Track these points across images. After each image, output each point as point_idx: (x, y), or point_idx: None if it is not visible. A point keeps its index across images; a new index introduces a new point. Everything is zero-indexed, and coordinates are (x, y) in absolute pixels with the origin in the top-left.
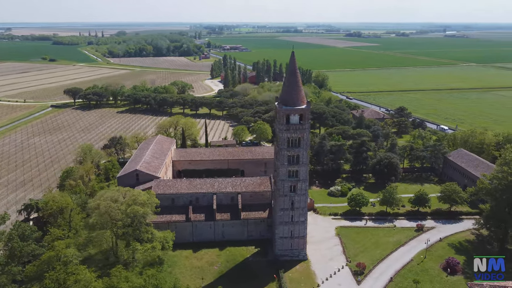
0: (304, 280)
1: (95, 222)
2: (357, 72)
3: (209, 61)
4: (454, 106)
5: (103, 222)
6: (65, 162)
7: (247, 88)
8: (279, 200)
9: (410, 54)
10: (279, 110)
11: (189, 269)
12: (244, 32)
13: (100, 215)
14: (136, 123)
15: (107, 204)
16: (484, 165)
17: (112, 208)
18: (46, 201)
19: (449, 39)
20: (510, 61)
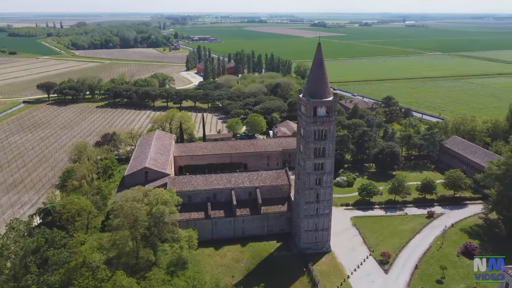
0: (333, 272)
1: (120, 224)
2: (330, 62)
3: (179, 53)
4: (431, 94)
5: (129, 224)
6: (54, 161)
7: (230, 80)
8: (304, 193)
9: (377, 44)
10: (307, 103)
11: (215, 268)
12: (208, 23)
13: (125, 216)
14: (119, 118)
15: (132, 205)
16: (481, 151)
17: (137, 209)
18: (63, 205)
19: (410, 28)
20: (472, 50)
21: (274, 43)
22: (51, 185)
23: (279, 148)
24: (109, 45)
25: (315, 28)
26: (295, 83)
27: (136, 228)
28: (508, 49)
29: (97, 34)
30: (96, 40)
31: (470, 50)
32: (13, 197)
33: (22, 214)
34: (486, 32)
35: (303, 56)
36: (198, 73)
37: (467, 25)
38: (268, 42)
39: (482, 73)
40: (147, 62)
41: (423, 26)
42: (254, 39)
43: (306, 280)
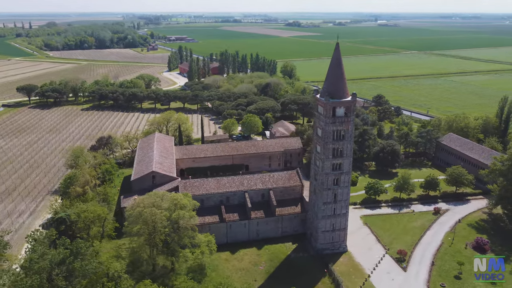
0: (353, 272)
1: (141, 231)
2: (313, 62)
3: (158, 53)
4: (415, 92)
5: (149, 230)
6: (47, 167)
7: (218, 80)
8: (322, 193)
9: (353, 43)
10: (326, 104)
11: (234, 272)
12: (182, 23)
13: (145, 223)
14: (107, 120)
15: (151, 211)
16: (478, 147)
17: (157, 214)
18: (78, 213)
19: (383, 28)
20: (445, 48)
21: (253, 43)
22: (48, 192)
23: (281, 148)
24: (84, 46)
25: (290, 28)
26: (285, 83)
27: (156, 235)
28: (478, 48)
29: (71, 35)
30: (70, 40)
31: (444, 48)
32: (9, 205)
33: (21, 224)
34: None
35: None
36: (181, 74)
37: (436, 24)
38: (246, 42)
39: (460, 71)
40: (127, 63)
41: (395, 26)
42: (232, 39)
43: (328, 281)
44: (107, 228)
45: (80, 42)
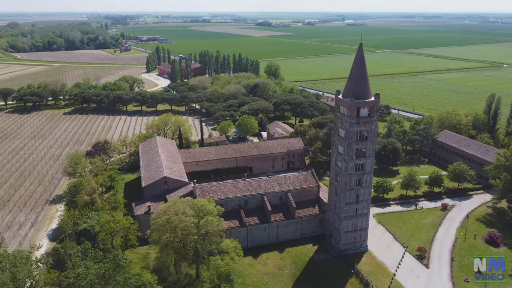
0: (378, 271)
1: (171, 239)
2: (290, 61)
3: (132, 54)
4: (397, 91)
5: (180, 238)
6: (39, 175)
7: (204, 81)
8: (345, 194)
9: (325, 42)
10: (351, 104)
11: (260, 277)
12: (151, 23)
13: (173, 231)
14: (94, 124)
15: (180, 219)
16: (475, 144)
17: (186, 222)
18: (102, 223)
19: (351, 27)
20: (416, 47)
21: (228, 43)
22: (46, 201)
23: (284, 149)
24: (53, 47)
25: (261, 28)
26: (273, 83)
27: (186, 243)
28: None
29: (38, 36)
30: (38, 42)
31: (415, 47)
32: (6, 217)
33: (24, 236)
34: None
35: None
36: (161, 75)
37: (401, 23)
38: (220, 42)
39: (434, 69)
40: (101, 65)
41: (363, 25)
42: (205, 39)
43: (356, 282)
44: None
45: (49, 43)
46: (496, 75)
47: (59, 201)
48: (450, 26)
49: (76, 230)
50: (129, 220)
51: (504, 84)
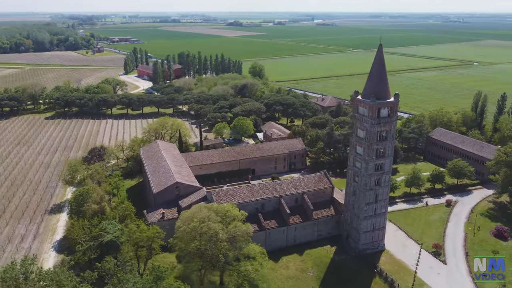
0: (399, 269)
1: (200, 247)
2: (267, 61)
3: (106, 55)
4: None
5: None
6: (32, 183)
7: (190, 83)
8: (365, 194)
9: (299, 42)
10: (372, 105)
11: (285, 281)
12: (119, 23)
13: (205, 239)
14: (80, 129)
15: (208, 225)
16: (469, 140)
17: (215, 228)
18: (129, 233)
19: (322, 27)
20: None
21: (202, 43)
22: (45, 211)
23: (286, 150)
24: (21, 49)
25: (232, 28)
26: (260, 84)
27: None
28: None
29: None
30: (4, 43)
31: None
32: (5, 229)
33: (28, 249)
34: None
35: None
36: (141, 77)
37: (368, 23)
38: (194, 42)
39: (409, 68)
40: (75, 67)
41: (332, 25)
42: (178, 39)
43: (380, 281)
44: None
45: (16, 44)
46: (469, 73)
47: (59, 211)
48: (416, 26)
49: (101, 242)
50: (155, 229)
51: (478, 81)
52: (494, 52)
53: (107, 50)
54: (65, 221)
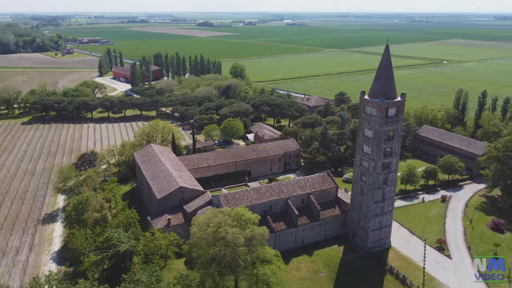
0: (408, 266)
1: (221, 253)
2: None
3: (76, 57)
4: (357, 88)
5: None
6: (18, 192)
7: (171, 84)
8: (373, 193)
9: (273, 42)
10: (381, 105)
11: (299, 283)
12: (84, 23)
13: (224, 245)
14: (61, 134)
15: (226, 230)
16: (456, 137)
17: (234, 233)
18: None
19: (292, 27)
20: (360, 45)
21: (174, 44)
22: (38, 222)
23: (281, 151)
24: None
25: (203, 28)
26: (244, 84)
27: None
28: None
29: None
30: None
31: (359, 46)
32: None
33: (25, 262)
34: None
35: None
36: (117, 79)
37: (337, 23)
38: (166, 42)
39: None
40: (46, 69)
41: (302, 25)
42: (149, 40)
43: (392, 279)
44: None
45: None
46: (440, 71)
47: (52, 220)
48: (382, 25)
49: (117, 252)
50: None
51: (450, 79)
52: (460, 51)
53: (76, 51)
54: (61, 231)
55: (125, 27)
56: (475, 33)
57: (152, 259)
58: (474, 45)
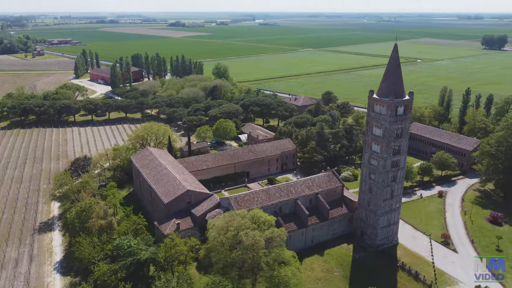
0: (418, 262)
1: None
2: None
3: (47, 59)
4: (340, 87)
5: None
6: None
7: (155, 86)
8: (382, 191)
9: (249, 42)
10: (391, 103)
11: (314, 283)
12: (52, 24)
13: (245, 248)
14: (45, 139)
15: (248, 233)
16: (446, 133)
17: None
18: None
19: (265, 27)
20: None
21: (149, 44)
22: (34, 231)
23: (278, 151)
24: None
25: (176, 28)
26: (230, 85)
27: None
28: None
29: None
30: None
31: (334, 45)
32: None
33: (26, 274)
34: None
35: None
36: (95, 81)
37: (308, 22)
38: (140, 43)
39: (362, 66)
40: (18, 72)
41: (275, 25)
42: (122, 41)
43: (405, 275)
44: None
45: None
46: (416, 69)
47: (49, 229)
48: (353, 25)
49: (138, 260)
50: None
51: (427, 77)
52: (431, 49)
53: (47, 53)
54: (60, 240)
55: (95, 27)
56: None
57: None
58: (444, 44)
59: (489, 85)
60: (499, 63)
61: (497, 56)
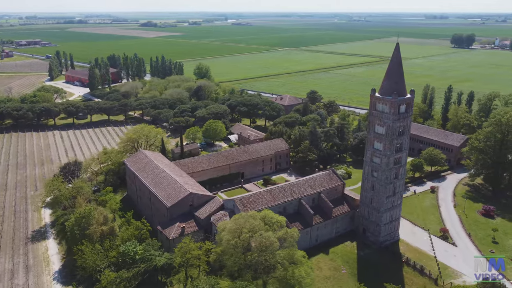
0: (420, 256)
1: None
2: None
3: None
4: (321, 86)
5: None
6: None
7: (137, 87)
8: (385, 188)
9: (224, 41)
10: (394, 102)
11: (324, 282)
12: (17, 24)
13: (260, 250)
14: (26, 143)
15: (262, 235)
16: (432, 130)
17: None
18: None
19: (239, 27)
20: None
21: (122, 45)
22: (26, 240)
23: (272, 151)
24: None
25: (148, 28)
26: (214, 85)
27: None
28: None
29: None
30: None
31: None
32: None
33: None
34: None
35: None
36: (71, 82)
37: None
38: (115, 44)
39: (338, 65)
40: None
41: (248, 24)
42: (93, 41)
43: (410, 270)
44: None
45: None
46: None
47: (42, 237)
48: (324, 25)
49: (154, 266)
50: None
51: None
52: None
53: (16, 54)
54: (56, 249)
55: (63, 28)
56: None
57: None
58: (414, 43)
59: (461, 82)
60: (468, 62)
61: (466, 54)
